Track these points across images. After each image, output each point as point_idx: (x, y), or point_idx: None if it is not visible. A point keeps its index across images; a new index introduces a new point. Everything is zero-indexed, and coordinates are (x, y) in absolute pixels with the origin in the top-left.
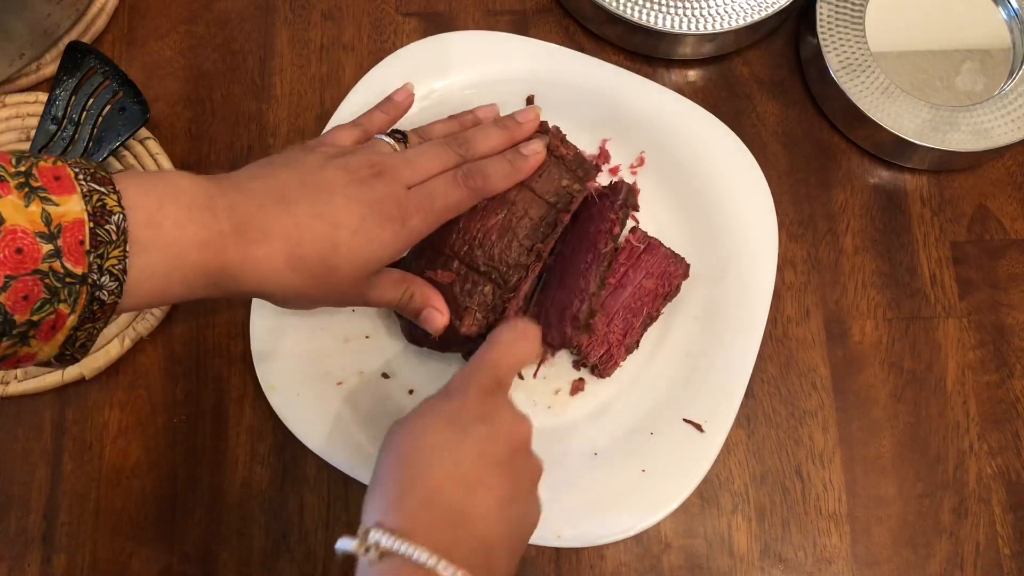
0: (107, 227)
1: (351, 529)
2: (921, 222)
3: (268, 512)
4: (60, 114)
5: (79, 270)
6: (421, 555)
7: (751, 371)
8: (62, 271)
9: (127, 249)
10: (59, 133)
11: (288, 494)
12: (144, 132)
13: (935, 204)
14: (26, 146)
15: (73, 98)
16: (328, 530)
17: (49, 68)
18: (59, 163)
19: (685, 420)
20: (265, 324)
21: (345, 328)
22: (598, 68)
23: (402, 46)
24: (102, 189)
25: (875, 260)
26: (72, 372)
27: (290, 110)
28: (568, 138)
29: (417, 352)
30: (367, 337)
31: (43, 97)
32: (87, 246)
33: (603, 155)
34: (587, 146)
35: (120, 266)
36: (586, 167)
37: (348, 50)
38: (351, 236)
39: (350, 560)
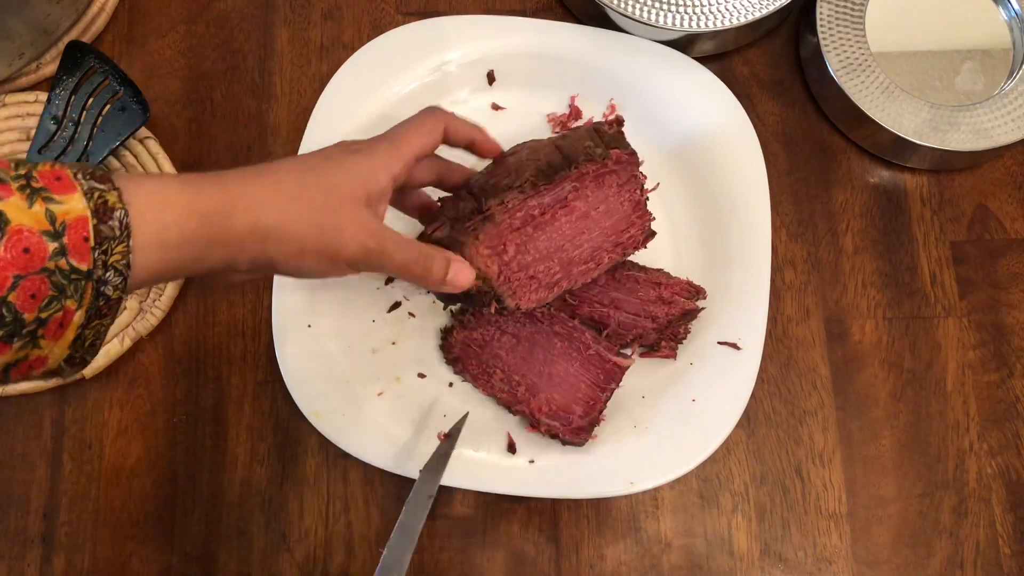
0: (110, 223)
1: (351, 529)
2: (921, 222)
3: (268, 511)
4: (60, 113)
5: (84, 266)
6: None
7: (769, 281)
8: (68, 268)
9: (130, 244)
10: (59, 132)
11: (288, 494)
12: (144, 132)
13: (935, 204)
14: (26, 145)
15: (73, 97)
16: (327, 529)
17: (49, 67)
18: (57, 166)
19: (720, 343)
20: (292, 354)
21: (370, 339)
22: (567, 30)
23: None
24: (102, 187)
25: (875, 260)
26: None
27: (290, 110)
28: (540, 100)
29: None
30: (393, 343)
31: (43, 96)
32: (92, 242)
33: (574, 111)
34: (557, 106)
35: (124, 261)
36: (619, 140)
37: (348, 50)
38: (325, 160)
39: (350, 560)
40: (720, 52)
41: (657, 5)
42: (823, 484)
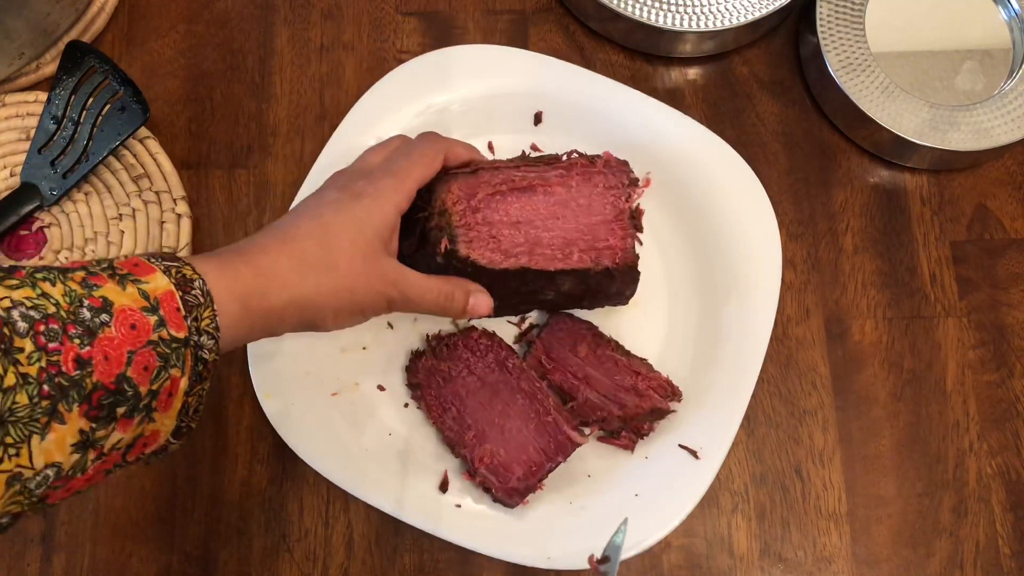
0: (193, 292)
1: (351, 529)
2: (921, 222)
3: (268, 511)
4: (60, 113)
5: (181, 334)
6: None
7: (749, 398)
8: (168, 338)
9: (215, 308)
10: (59, 132)
11: (288, 493)
12: (144, 131)
13: (935, 204)
14: (26, 145)
15: (73, 97)
16: (327, 529)
17: (49, 67)
18: (128, 256)
19: (681, 446)
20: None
21: (342, 338)
22: (600, 84)
23: (402, 45)
24: (175, 263)
25: (875, 260)
26: None
27: (290, 110)
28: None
29: None
30: (364, 348)
31: (43, 96)
32: (183, 312)
33: None
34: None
35: (213, 324)
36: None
37: (348, 49)
38: (335, 214)
39: (350, 560)
40: (720, 52)
41: (657, 5)
42: (823, 484)
